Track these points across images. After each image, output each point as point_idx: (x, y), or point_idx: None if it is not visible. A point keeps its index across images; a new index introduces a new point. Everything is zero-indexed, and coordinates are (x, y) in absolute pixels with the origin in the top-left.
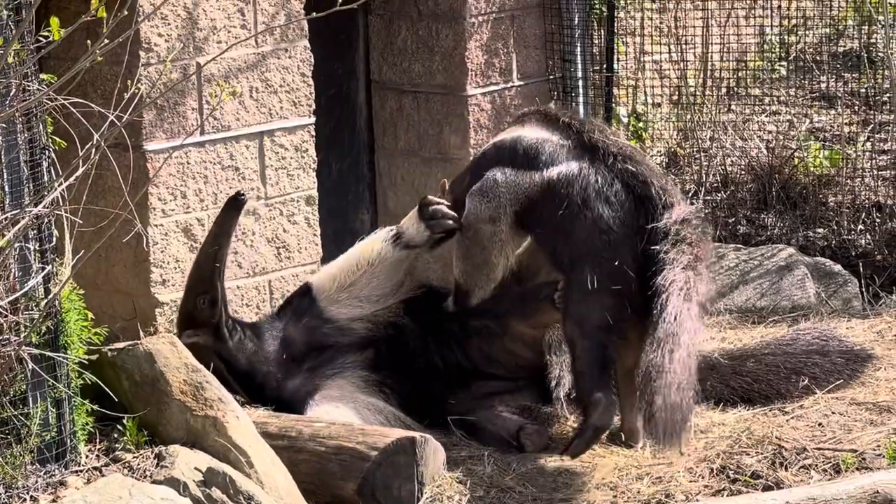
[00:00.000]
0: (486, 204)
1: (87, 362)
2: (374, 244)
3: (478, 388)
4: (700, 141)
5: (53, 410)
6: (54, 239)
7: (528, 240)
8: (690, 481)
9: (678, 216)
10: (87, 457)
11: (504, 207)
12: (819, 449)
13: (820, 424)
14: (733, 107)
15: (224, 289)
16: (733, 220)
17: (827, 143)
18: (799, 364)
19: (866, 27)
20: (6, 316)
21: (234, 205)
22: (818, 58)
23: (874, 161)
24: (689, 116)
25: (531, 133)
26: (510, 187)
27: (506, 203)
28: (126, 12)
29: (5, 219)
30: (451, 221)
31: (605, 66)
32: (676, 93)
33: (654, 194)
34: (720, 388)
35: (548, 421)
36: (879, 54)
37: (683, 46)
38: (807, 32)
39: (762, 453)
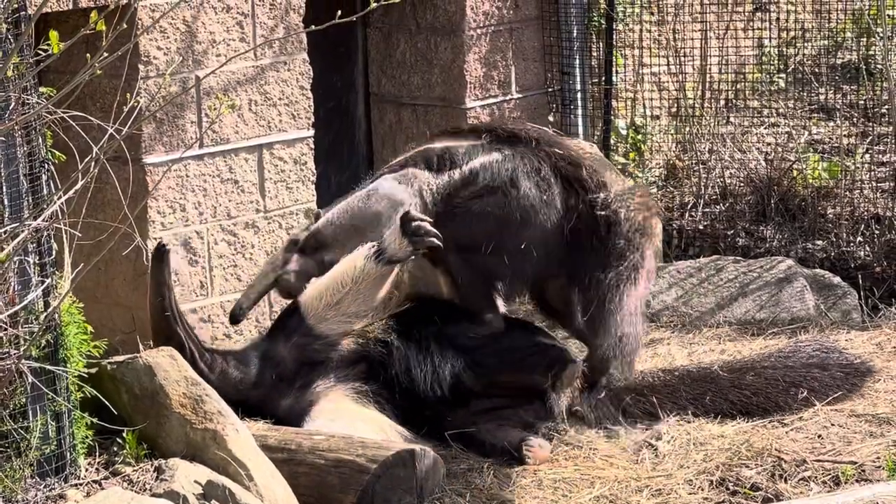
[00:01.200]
0: (404, 191)
1: (86, 375)
2: (356, 261)
3: (476, 405)
4: (699, 153)
5: (53, 424)
6: (54, 252)
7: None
8: (690, 493)
9: (616, 193)
10: (86, 470)
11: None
12: (819, 461)
13: (819, 436)
14: (732, 119)
15: (189, 329)
16: (732, 232)
17: (826, 155)
18: (798, 377)
19: (865, 39)
20: (6, 329)
21: (158, 255)
22: (817, 70)
23: (873, 173)
24: (687, 129)
25: (439, 143)
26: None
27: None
28: (125, 25)
29: (5, 232)
30: (433, 238)
31: (603, 78)
32: (675, 105)
33: (585, 175)
34: (719, 401)
35: (548, 435)
36: (878, 66)
37: (682, 59)
38: (805, 44)
39: (762, 465)
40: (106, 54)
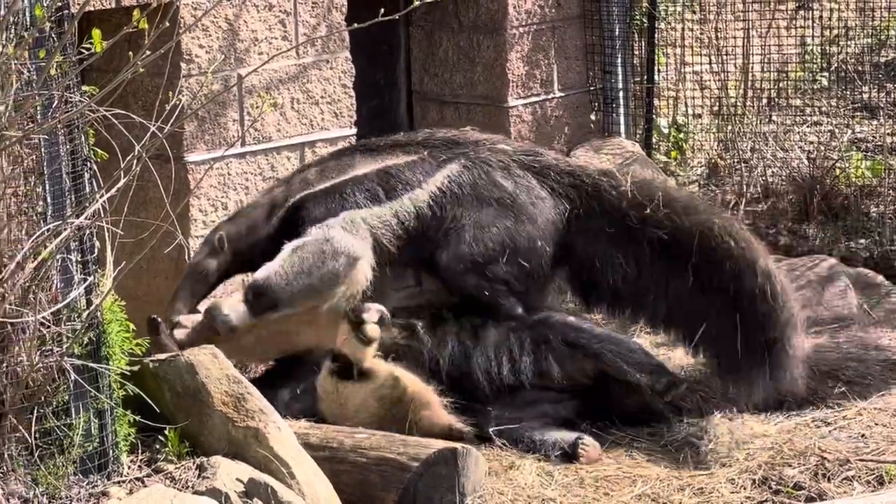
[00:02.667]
0: (357, 241)
1: (128, 373)
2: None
3: (521, 397)
4: (741, 152)
5: (96, 421)
6: (96, 250)
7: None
8: (732, 492)
9: (594, 169)
10: (129, 467)
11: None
12: (862, 460)
13: (863, 436)
14: (774, 117)
15: None
16: (774, 230)
17: (869, 154)
18: (834, 369)
19: None
20: (49, 327)
21: (151, 327)
22: (860, 68)
23: None
24: (729, 127)
25: (364, 168)
26: (379, 221)
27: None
28: (167, 24)
29: (48, 230)
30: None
31: (645, 77)
32: (717, 104)
33: (553, 160)
34: None
35: (598, 435)
36: None
37: (724, 57)
38: (848, 43)
39: (805, 465)
40: (148, 52)
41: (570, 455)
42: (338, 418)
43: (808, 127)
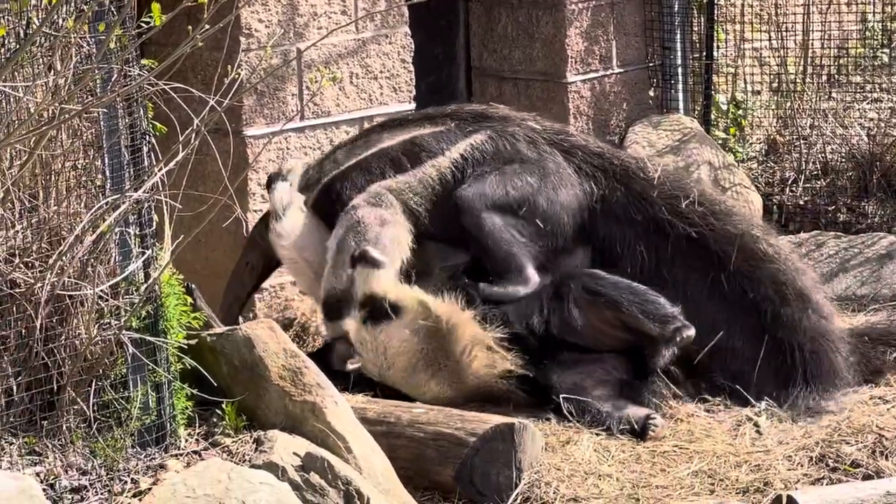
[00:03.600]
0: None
1: (186, 347)
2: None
3: (560, 356)
4: (800, 129)
5: (153, 394)
6: (154, 224)
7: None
8: (789, 469)
9: (625, 154)
10: (186, 441)
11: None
12: None
13: None
14: (834, 94)
15: None
16: (833, 207)
17: None
18: (885, 338)
19: None
20: (107, 300)
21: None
22: None
23: None
24: (788, 104)
25: (392, 140)
26: (407, 190)
27: (411, 202)
28: None
29: (106, 204)
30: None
31: (704, 53)
32: (776, 80)
33: (582, 141)
34: None
35: (665, 413)
36: None
37: (784, 34)
38: None
39: (862, 442)
40: (207, 26)
41: (638, 433)
42: (383, 370)
43: (867, 104)
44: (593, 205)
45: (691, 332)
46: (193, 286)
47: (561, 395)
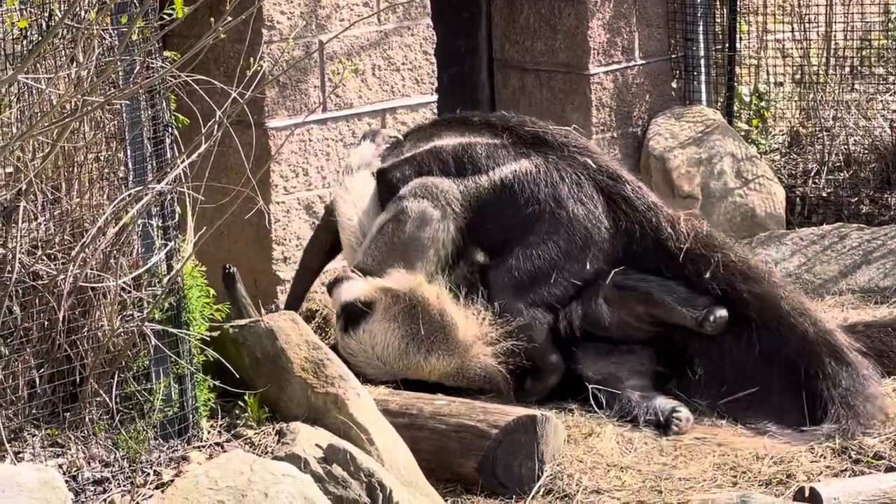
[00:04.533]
0: (431, 203)
1: (208, 338)
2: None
3: (585, 347)
4: (823, 120)
5: (176, 386)
6: (177, 216)
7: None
8: (812, 462)
9: (664, 213)
10: (209, 432)
11: (451, 207)
12: None
13: None
14: (857, 86)
15: None
16: (856, 199)
17: None
18: None
19: None
20: (129, 292)
21: (227, 280)
22: None
23: None
24: (811, 96)
25: (448, 140)
26: (451, 193)
27: (453, 204)
28: None
29: (129, 195)
30: None
31: (727, 45)
32: (799, 72)
33: (631, 193)
34: None
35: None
36: None
37: (807, 25)
38: None
39: (885, 434)
40: (230, 18)
41: (661, 425)
42: (380, 368)
43: (890, 95)
44: (626, 256)
45: (723, 311)
46: (234, 269)
47: (591, 385)
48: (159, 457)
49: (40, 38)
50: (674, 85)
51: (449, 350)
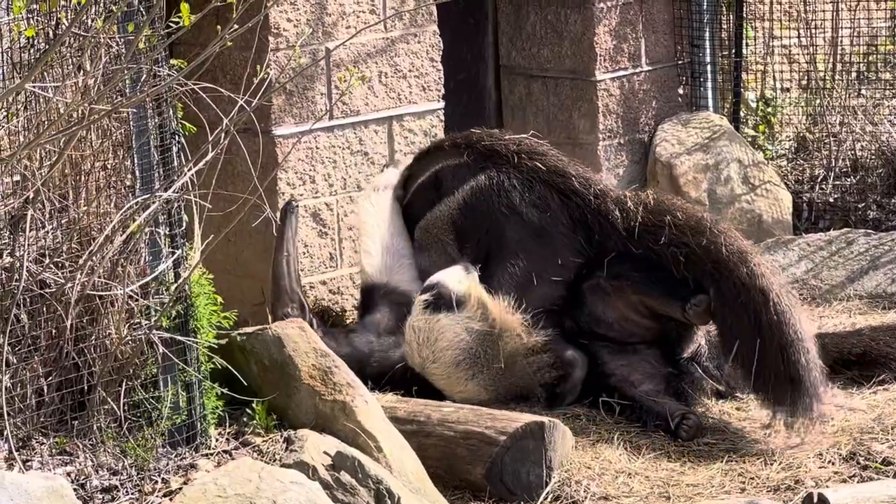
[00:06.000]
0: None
1: (216, 346)
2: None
3: (595, 347)
4: (829, 126)
5: (183, 394)
6: (184, 224)
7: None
8: (820, 467)
9: (620, 196)
10: (217, 440)
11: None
12: None
13: None
14: (863, 91)
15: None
16: (863, 205)
17: None
18: None
19: None
20: (137, 300)
21: (286, 212)
22: None
23: None
24: (818, 101)
25: (424, 170)
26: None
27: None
28: None
29: (136, 203)
30: None
31: (733, 50)
32: (805, 77)
33: (578, 186)
34: (835, 347)
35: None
36: None
37: (813, 31)
38: None
39: (893, 439)
40: (236, 26)
41: (671, 431)
42: (427, 361)
43: None
44: (590, 244)
45: (701, 295)
46: (299, 205)
47: (606, 389)
48: (167, 464)
49: (47, 47)
50: (680, 91)
51: (489, 387)
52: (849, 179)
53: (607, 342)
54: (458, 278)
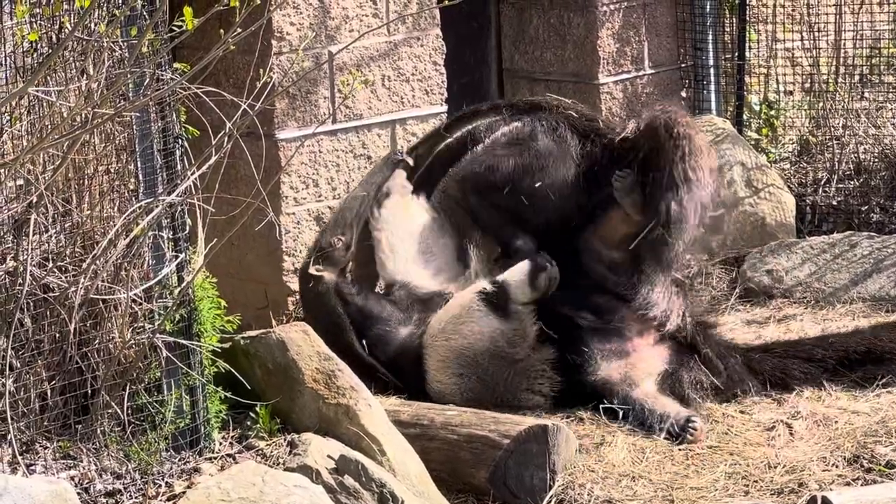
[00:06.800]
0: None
1: (220, 350)
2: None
3: (603, 346)
4: (832, 129)
5: (187, 398)
6: (187, 227)
7: None
8: (824, 470)
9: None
10: (220, 444)
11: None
12: None
13: None
14: (866, 94)
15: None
16: (866, 208)
17: None
18: None
19: None
20: (140, 304)
21: (387, 161)
22: None
23: None
24: (821, 104)
25: (456, 130)
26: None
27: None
28: (258, 1)
29: (139, 207)
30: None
31: (736, 54)
32: (809, 80)
33: (602, 125)
34: (839, 346)
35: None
36: None
37: (816, 34)
38: None
39: None
40: (239, 30)
41: (676, 435)
42: (440, 334)
43: None
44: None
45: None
46: (405, 158)
47: (604, 393)
48: (171, 468)
49: (50, 51)
50: (683, 94)
51: (466, 392)
52: (852, 182)
53: (591, 312)
54: (525, 290)
